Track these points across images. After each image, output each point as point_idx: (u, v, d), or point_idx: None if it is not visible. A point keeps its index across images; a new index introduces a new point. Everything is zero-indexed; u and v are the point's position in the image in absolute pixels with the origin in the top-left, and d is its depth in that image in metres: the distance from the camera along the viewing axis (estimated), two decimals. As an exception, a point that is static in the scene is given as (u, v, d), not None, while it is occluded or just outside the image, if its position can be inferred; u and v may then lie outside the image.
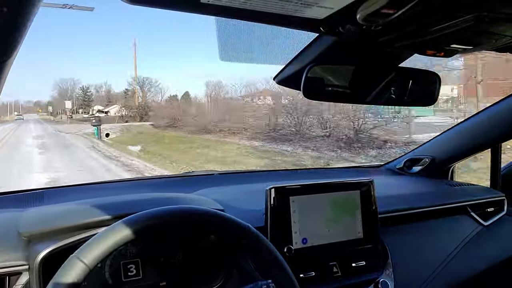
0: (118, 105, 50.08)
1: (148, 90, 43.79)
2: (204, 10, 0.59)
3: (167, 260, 1.02)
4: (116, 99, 53.41)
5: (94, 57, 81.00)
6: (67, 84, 60.16)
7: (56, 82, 65.51)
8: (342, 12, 0.59)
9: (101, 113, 54.37)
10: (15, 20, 0.40)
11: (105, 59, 79.33)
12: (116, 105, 53.02)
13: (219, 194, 1.27)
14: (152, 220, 0.77)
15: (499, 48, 0.78)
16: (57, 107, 60.48)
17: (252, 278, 0.98)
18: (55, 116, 57.94)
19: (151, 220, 0.77)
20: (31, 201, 1.17)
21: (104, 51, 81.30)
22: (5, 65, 0.48)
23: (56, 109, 60.92)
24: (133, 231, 0.74)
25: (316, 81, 0.86)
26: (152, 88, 44.31)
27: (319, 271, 1.10)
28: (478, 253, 1.44)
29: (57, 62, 79.46)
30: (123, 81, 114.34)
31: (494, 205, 1.58)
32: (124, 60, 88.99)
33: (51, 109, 61.55)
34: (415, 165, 1.79)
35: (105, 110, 54.94)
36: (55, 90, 63.34)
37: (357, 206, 1.18)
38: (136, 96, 41.30)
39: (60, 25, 74.95)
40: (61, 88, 60.92)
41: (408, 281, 1.25)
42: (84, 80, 76.82)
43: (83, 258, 0.69)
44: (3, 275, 0.84)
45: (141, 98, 41.28)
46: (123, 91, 54.89)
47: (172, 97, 32.53)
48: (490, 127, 1.52)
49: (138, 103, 35.61)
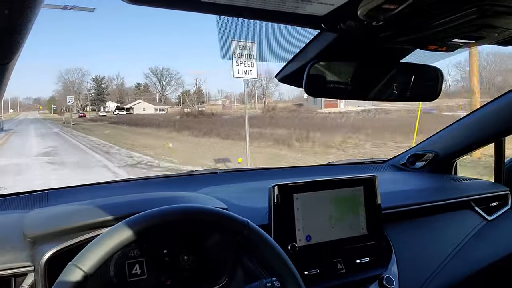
0: (142, 100, 43.03)
1: (168, 83, 38.72)
2: (205, 9, 0.59)
3: (172, 259, 1.02)
4: (126, 94, 46.58)
5: (104, 41, 76.99)
6: (74, 76, 51.85)
7: (61, 74, 56.10)
8: (343, 8, 0.59)
9: (121, 110, 46.95)
10: (17, 23, 0.40)
11: (117, 44, 74.99)
12: (140, 101, 45.53)
13: (223, 192, 1.27)
14: (152, 221, 0.77)
15: (501, 41, 0.77)
16: (62, 103, 52.34)
17: (256, 276, 0.99)
18: (61, 114, 48.91)
19: (152, 220, 0.77)
20: (36, 202, 1.18)
21: (116, 34, 78.31)
22: (7, 67, 0.48)
23: (60, 106, 53.41)
24: (134, 233, 0.74)
25: (318, 78, 0.86)
26: (172, 81, 38.45)
27: (323, 268, 1.10)
28: (482, 248, 1.43)
29: (61, 49, 76.40)
30: (137, 72, 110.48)
31: (498, 200, 1.58)
32: (139, 46, 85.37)
33: (55, 107, 54.60)
34: (418, 161, 1.79)
35: (126, 106, 46.93)
36: (59, 83, 54.54)
37: (361, 203, 1.18)
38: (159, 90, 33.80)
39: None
40: (66, 80, 52.19)
41: (413, 277, 1.25)
42: (94, 71, 71.58)
43: (82, 266, 0.69)
44: (8, 276, 0.85)
45: (160, 92, 36.51)
46: (135, 85, 46.68)
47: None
48: (494, 121, 1.52)
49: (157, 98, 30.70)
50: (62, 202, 1.14)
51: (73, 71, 52.25)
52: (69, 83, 51.60)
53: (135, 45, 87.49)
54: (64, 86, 52.73)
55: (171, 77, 39.27)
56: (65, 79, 52.32)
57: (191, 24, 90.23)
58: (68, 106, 42.11)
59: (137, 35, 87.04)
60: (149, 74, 45.15)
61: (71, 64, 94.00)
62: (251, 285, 0.85)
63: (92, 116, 43.97)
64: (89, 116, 42.78)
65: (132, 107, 46.57)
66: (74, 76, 51.83)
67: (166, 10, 0.60)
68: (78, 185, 1.41)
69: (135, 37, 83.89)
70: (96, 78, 50.57)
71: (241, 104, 40.33)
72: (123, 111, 46.65)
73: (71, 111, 41.16)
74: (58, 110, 53.25)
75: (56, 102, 55.07)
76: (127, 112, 45.68)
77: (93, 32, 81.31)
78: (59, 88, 54.43)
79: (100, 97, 48.57)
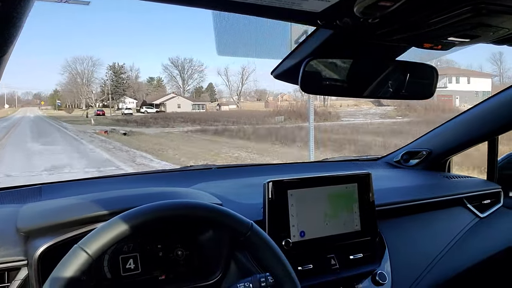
0: (176, 95, 34.03)
1: (190, 76, 32.54)
2: (201, 4, 0.59)
3: (165, 254, 1.02)
4: (138, 89, 38.03)
5: (114, 24, 68.79)
6: (83, 65, 42.17)
7: (67, 63, 46.62)
8: (339, 4, 0.59)
9: (149, 107, 37.53)
10: (11, 15, 0.40)
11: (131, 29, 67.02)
12: (173, 95, 36.23)
13: (217, 188, 1.27)
14: (151, 215, 0.77)
15: (496, 40, 0.78)
16: (67, 98, 43.72)
17: (250, 272, 0.99)
18: (70, 111, 38.66)
19: (151, 214, 0.77)
20: (29, 196, 1.17)
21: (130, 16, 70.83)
22: (1, 60, 0.47)
23: (64, 101, 44.61)
24: (134, 225, 0.74)
25: (314, 75, 0.86)
26: (194, 74, 31.71)
27: (317, 264, 1.11)
28: (474, 245, 1.45)
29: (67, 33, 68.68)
30: (153, 64, 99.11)
31: (490, 197, 1.60)
32: (157, 33, 76.87)
33: (59, 102, 45.55)
34: (412, 158, 1.80)
35: (155, 102, 36.93)
36: (64, 74, 44.32)
37: (355, 199, 1.19)
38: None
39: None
40: (74, 70, 42.16)
41: (405, 273, 1.26)
42: (106, 60, 61.30)
43: (87, 249, 0.69)
44: (2, 271, 0.84)
45: (181, 87, 30.77)
46: (147, 79, 37.86)
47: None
48: (487, 120, 1.53)
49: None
50: (56, 196, 1.13)
51: (82, 60, 43.12)
52: (76, 74, 42.74)
53: (149, 33, 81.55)
54: (70, 77, 43.70)
55: (193, 69, 34.01)
56: (72, 68, 43.83)
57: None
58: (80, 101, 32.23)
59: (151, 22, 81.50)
60: (168, 66, 36.50)
61: (77, 52, 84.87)
62: (244, 280, 0.86)
63: (111, 113, 35.07)
64: (110, 114, 33.95)
65: (164, 103, 37.94)
66: (84, 65, 42.80)
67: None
68: (72, 179, 1.40)
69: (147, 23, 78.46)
70: (114, 66, 40.60)
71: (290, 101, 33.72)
72: (151, 108, 38.12)
73: (90, 106, 32.43)
74: (63, 106, 45.58)
75: (60, 97, 46.98)
76: (157, 110, 37.52)
77: (97, 16, 76.05)
78: (64, 81, 45.42)
79: (119, 90, 38.95)
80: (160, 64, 74.13)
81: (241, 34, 0.81)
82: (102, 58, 60.13)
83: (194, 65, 33.87)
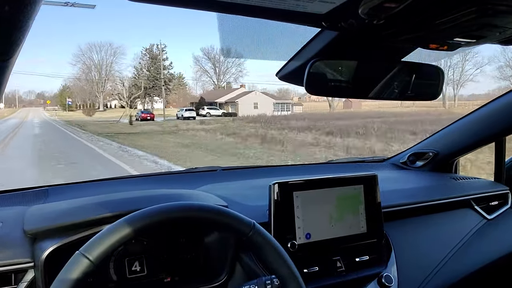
0: (255, 91, 23.79)
1: (224, 71, 23.89)
2: (206, 7, 0.59)
3: (171, 256, 1.02)
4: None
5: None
6: (101, 54, 30.42)
7: (80, 51, 33.75)
8: (344, 6, 0.59)
9: (213, 109, 26.11)
10: (17, 19, 0.40)
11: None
12: (244, 89, 25.21)
13: (223, 190, 1.27)
14: (155, 217, 0.77)
15: (503, 41, 0.77)
16: (77, 96, 32.22)
17: (255, 274, 0.99)
18: (89, 113, 27.51)
19: (155, 217, 0.77)
20: (36, 198, 1.18)
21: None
22: (7, 64, 0.48)
23: (75, 100, 33.71)
24: (137, 228, 0.74)
25: (319, 76, 0.86)
26: (232, 68, 23.75)
27: (322, 266, 1.10)
28: (482, 247, 1.44)
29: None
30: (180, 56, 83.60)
31: (498, 199, 1.58)
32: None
33: (70, 101, 34.37)
34: (418, 160, 1.79)
35: (219, 100, 25.50)
36: (76, 65, 32.16)
37: (361, 201, 1.18)
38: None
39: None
40: (90, 59, 30.06)
41: (412, 275, 1.25)
42: (129, 46, 45.04)
43: (88, 255, 0.69)
44: (9, 272, 0.85)
45: (214, 85, 22.50)
46: (166, 75, 27.05)
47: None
48: (494, 121, 1.52)
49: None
50: (62, 198, 1.14)
51: (99, 47, 32.40)
52: (93, 65, 31.54)
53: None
54: (84, 69, 32.14)
55: (232, 62, 25.28)
56: (85, 57, 32.75)
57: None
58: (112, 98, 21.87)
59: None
60: (199, 58, 27.41)
61: (90, 38, 68.86)
62: (250, 282, 0.86)
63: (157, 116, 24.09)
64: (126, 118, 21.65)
65: (236, 101, 26.73)
66: (102, 54, 32.11)
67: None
68: (78, 181, 1.41)
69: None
70: (152, 50, 27.86)
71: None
72: (216, 109, 26.86)
73: (133, 106, 21.68)
74: (74, 106, 35.02)
75: (71, 94, 35.57)
76: (224, 112, 26.59)
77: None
78: (75, 72, 33.37)
79: (158, 82, 27.16)
80: (186, 57, 65.92)
81: (246, 36, 0.81)
82: (125, 44, 46.28)
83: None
